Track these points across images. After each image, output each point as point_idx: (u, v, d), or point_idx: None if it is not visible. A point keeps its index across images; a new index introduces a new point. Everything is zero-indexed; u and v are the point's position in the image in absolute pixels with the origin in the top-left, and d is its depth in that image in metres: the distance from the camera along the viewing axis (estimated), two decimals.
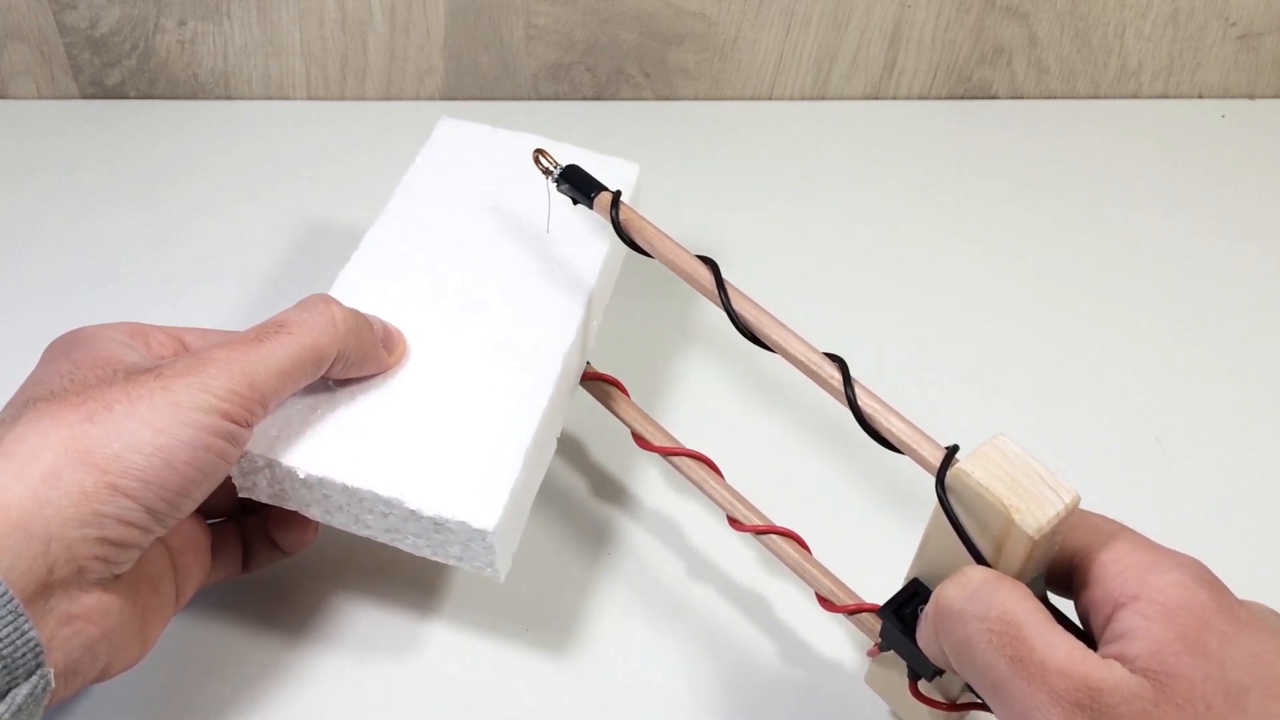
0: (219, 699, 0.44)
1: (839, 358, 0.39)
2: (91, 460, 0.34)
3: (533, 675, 0.45)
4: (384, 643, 0.46)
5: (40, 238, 0.61)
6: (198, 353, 0.38)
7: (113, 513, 0.35)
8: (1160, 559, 0.33)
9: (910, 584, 0.38)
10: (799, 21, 0.68)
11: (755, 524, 0.44)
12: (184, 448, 0.36)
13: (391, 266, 0.48)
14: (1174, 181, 0.69)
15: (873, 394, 0.38)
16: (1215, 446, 0.55)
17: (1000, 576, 0.34)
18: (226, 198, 0.64)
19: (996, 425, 0.55)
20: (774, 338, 0.40)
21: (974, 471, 0.33)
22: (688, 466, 0.46)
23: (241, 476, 0.42)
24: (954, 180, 0.68)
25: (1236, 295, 0.62)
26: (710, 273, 0.42)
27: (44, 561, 0.33)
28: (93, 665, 0.36)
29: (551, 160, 0.47)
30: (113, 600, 0.36)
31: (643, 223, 0.44)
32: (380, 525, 0.42)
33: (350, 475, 0.41)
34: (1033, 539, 0.33)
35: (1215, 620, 0.31)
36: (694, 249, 0.43)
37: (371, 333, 0.43)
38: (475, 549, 0.41)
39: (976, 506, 0.33)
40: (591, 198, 0.45)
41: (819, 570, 0.44)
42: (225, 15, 0.66)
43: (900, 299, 0.61)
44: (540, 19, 0.67)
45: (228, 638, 0.45)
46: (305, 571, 0.47)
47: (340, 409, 0.42)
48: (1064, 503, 0.33)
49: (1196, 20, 0.70)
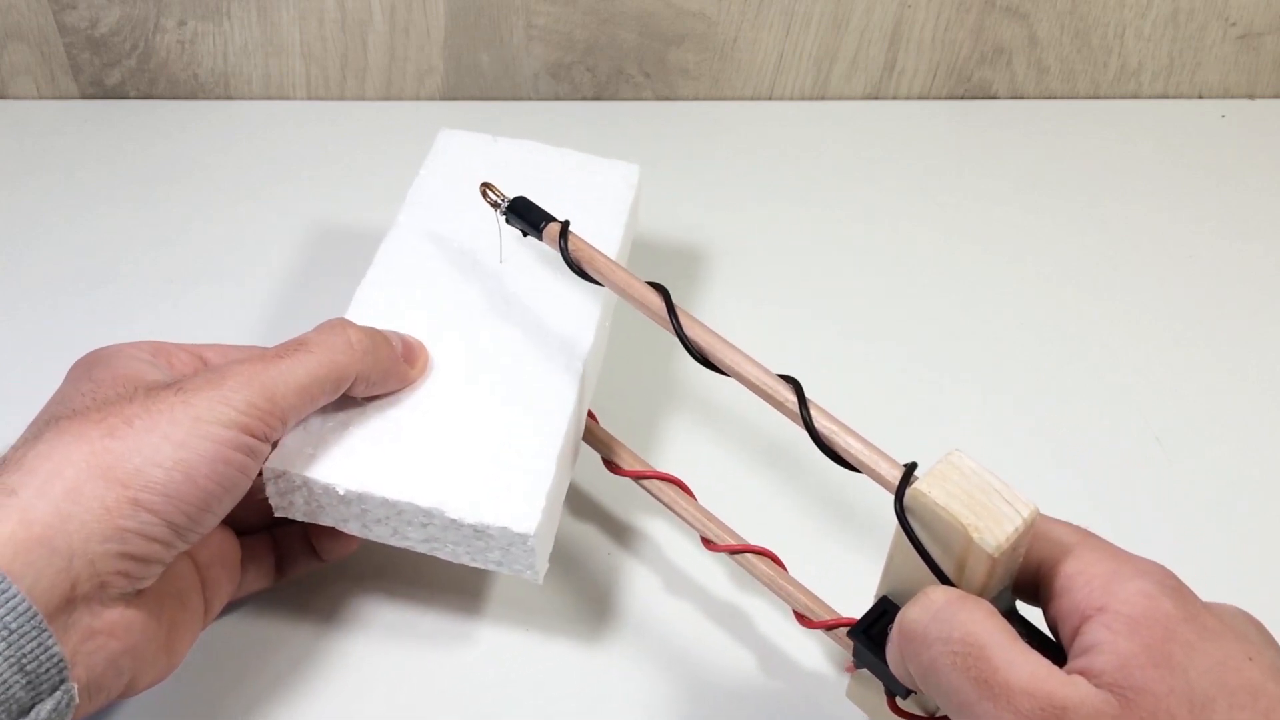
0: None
1: (793, 379, 0.39)
2: (113, 475, 0.35)
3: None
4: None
5: (40, 238, 0.61)
6: (217, 368, 0.39)
7: (134, 527, 0.35)
8: (1124, 567, 0.33)
9: (879, 602, 0.37)
10: (799, 21, 0.68)
11: (729, 543, 0.44)
12: (204, 462, 0.36)
13: (407, 281, 0.48)
14: (1174, 181, 0.69)
15: (829, 414, 0.38)
16: (1215, 446, 0.55)
17: (963, 596, 0.33)
18: (226, 198, 0.64)
19: (996, 425, 0.55)
20: (727, 362, 0.40)
21: (930, 491, 0.33)
22: (659, 489, 0.46)
23: (278, 496, 0.42)
24: (954, 180, 0.68)
25: (1236, 295, 0.62)
26: (661, 299, 0.41)
27: (67, 577, 0.33)
28: (117, 680, 0.36)
29: (498, 193, 0.46)
30: (136, 615, 0.36)
31: (592, 252, 0.44)
32: (419, 536, 0.42)
33: (389, 489, 0.41)
34: (993, 557, 0.32)
35: (1180, 629, 0.31)
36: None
37: (390, 349, 0.43)
38: (516, 553, 0.41)
39: (935, 526, 0.33)
40: (540, 229, 0.45)
41: (795, 587, 0.43)
42: (225, 15, 0.66)
43: (900, 299, 0.61)
44: (540, 19, 0.67)
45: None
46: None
47: (372, 423, 0.43)
48: (1022, 518, 0.33)
49: (1196, 20, 0.70)
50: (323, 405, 0.41)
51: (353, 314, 0.46)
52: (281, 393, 0.38)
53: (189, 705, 0.43)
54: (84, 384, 0.39)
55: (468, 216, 0.50)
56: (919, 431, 0.54)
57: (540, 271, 0.49)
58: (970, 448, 0.53)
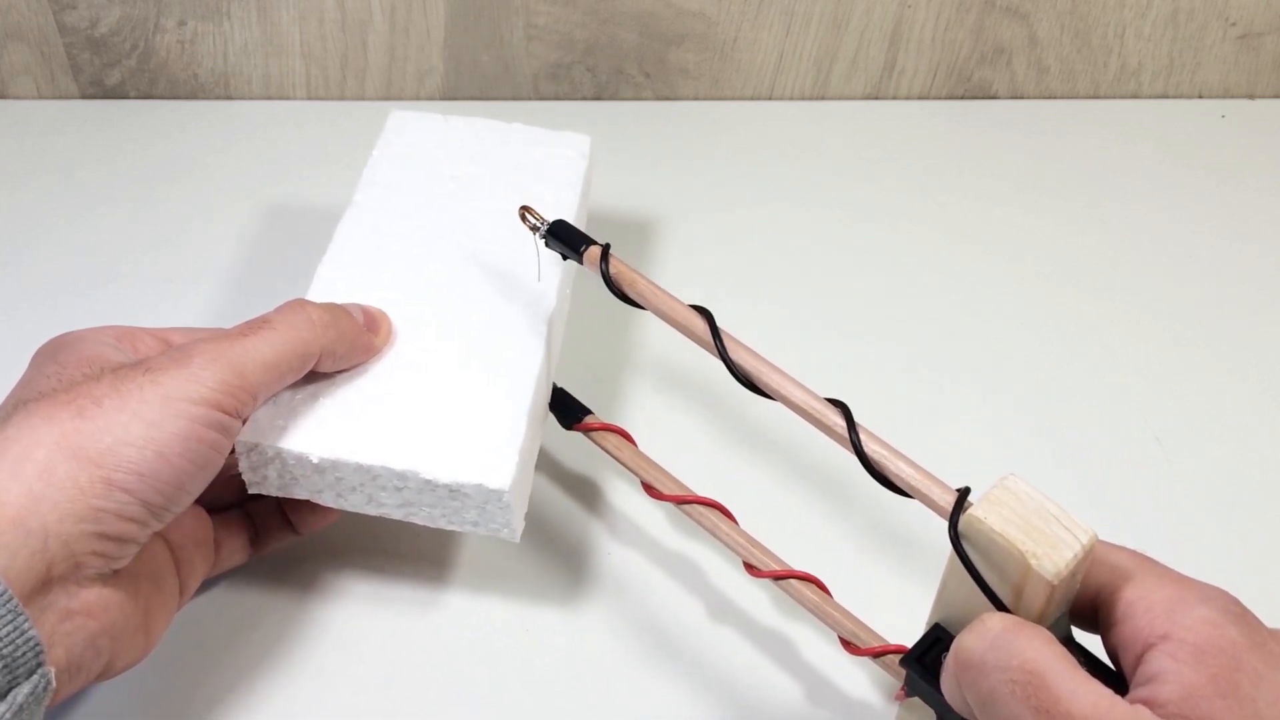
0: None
1: (842, 403, 0.38)
2: (85, 455, 0.35)
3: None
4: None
5: (40, 238, 0.61)
6: (183, 346, 0.39)
7: (109, 507, 0.35)
8: (1187, 593, 0.32)
9: (932, 630, 0.37)
10: (799, 21, 0.68)
11: (773, 569, 0.43)
12: (176, 440, 0.36)
13: (367, 256, 0.49)
14: (1174, 181, 0.69)
15: (878, 438, 0.37)
16: (1215, 446, 0.55)
17: (1020, 623, 0.33)
18: (226, 198, 0.64)
19: (996, 425, 0.55)
20: (774, 386, 0.39)
21: (987, 517, 0.33)
22: (701, 514, 0.45)
23: (251, 471, 0.42)
24: (954, 180, 0.68)
25: (1236, 295, 0.62)
26: (705, 323, 0.41)
27: (42, 558, 0.33)
28: (96, 660, 0.36)
29: (538, 216, 0.46)
30: (113, 595, 0.36)
31: (634, 275, 0.43)
32: (394, 501, 0.43)
33: (363, 454, 0.41)
34: (1052, 584, 0.32)
35: (1247, 658, 0.30)
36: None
37: (352, 320, 0.43)
38: (491, 511, 0.42)
39: (992, 552, 0.33)
40: (581, 252, 0.44)
41: (840, 613, 0.43)
42: (225, 15, 0.66)
43: (900, 299, 0.61)
44: (540, 19, 0.67)
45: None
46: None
47: (342, 393, 0.43)
48: (1081, 544, 0.32)
49: (1196, 20, 0.70)
50: (289, 382, 0.41)
51: (314, 293, 0.47)
52: (250, 369, 0.38)
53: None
54: (49, 367, 0.39)
55: (424, 193, 0.52)
56: (919, 432, 0.54)
57: (500, 240, 0.50)
58: (969, 448, 0.54)
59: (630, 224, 0.64)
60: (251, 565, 0.47)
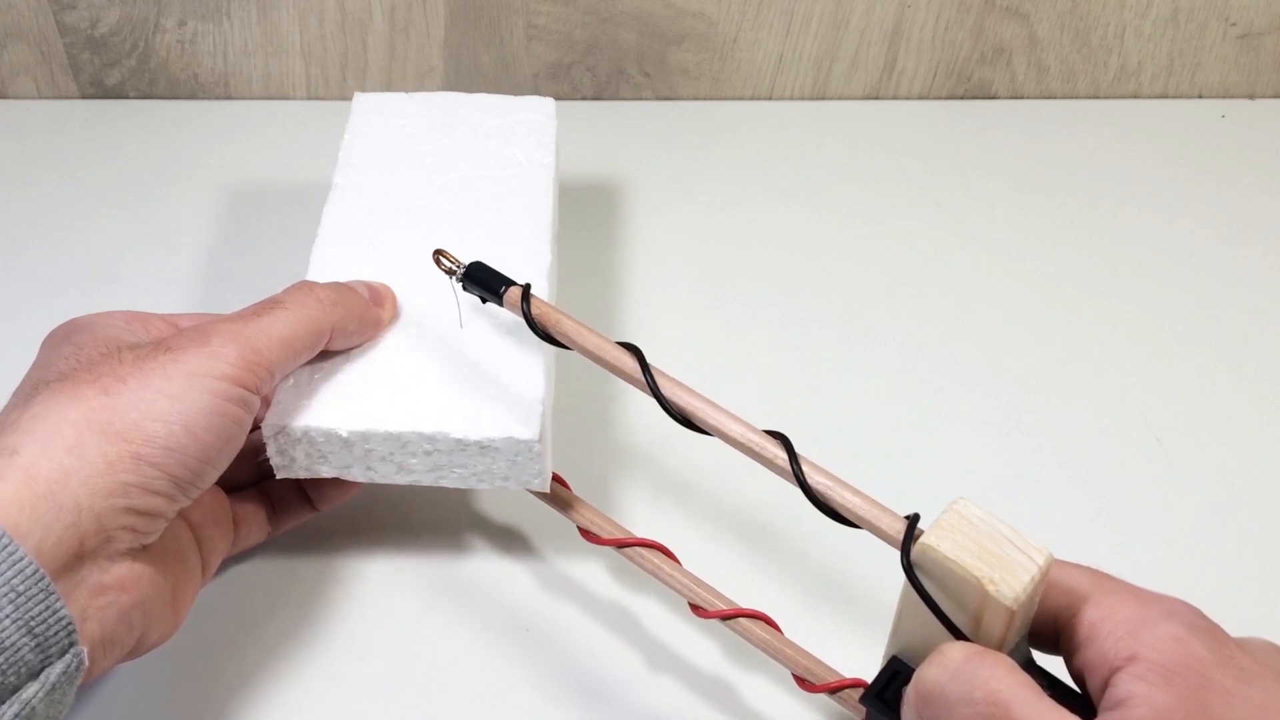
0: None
1: (781, 435, 0.37)
2: (113, 430, 0.35)
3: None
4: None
5: (40, 238, 0.61)
6: (199, 327, 0.40)
7: (138, 482, 0.35)
8: (1149, 610, 0.32)
9: (890, 663, 0.36)
10: (799, 21, 0.68)
11: (720, 609, 0.42)
12: (202, 414, 0.37)
13: (359, 234, 0.50)
14: (1174, 181, 0.69)
15: (823, 469, 0.36)
16: (1215, 446, 0.55)
17: (981, 652, 0.32)
18: (226, 198, 0.64)
19: (996, 425, 0.55)
20: (711, 422, 0.38)
21: (940, 544, 0.32)
22: (642, 556, 0.43)
23: (279, 455, 0.43)
24: (954, 180, 0.68)
25: (1236, 295, 0.62)
26: (635, 360, 0.39)
27: (74, 532, 0.34)
28: (129, 634, 0.36)
29: (453, 259, 0.44)
30: (144, 569, 0.36)
31: (558, 315, 0.42)
32: (424, 466, 0.43)
33: (391, 422, 0.42)
34: (1011, 609, 0.31)
35: (1217, 676, 0.30)
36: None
37: (358, 296, 0.44)
38: (522, 463, 0.43)
39: (947, 580, 0.32)
40: (500, 294, 0.43)
41: (793, 649, 0.41)
42: (225, 15, 0.66)
43: (900, 299, 0.61)
44: (540, 19, 0.67)
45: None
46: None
47: (359, 368, 0.44)
48: (1038, 565, 0.32)
49: (1196, 20, 0.70)
50: (304, 361, 0.42)
51: (312, 275, 0.47)
52: (266, 345, 0.39)
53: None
54: (64, 348, 0.39)
55: (402, 168, 0.53)
56: (920, 432, 0.55)
57: (484, 205, 0.51)
58: (969, 448, 0.54)
59: (630, 224, 0.64)
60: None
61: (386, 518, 0.49)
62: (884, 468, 0.52)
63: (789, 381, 0.56)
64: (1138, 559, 0.50)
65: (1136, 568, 0.48)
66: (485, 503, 0.50)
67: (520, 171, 0.52)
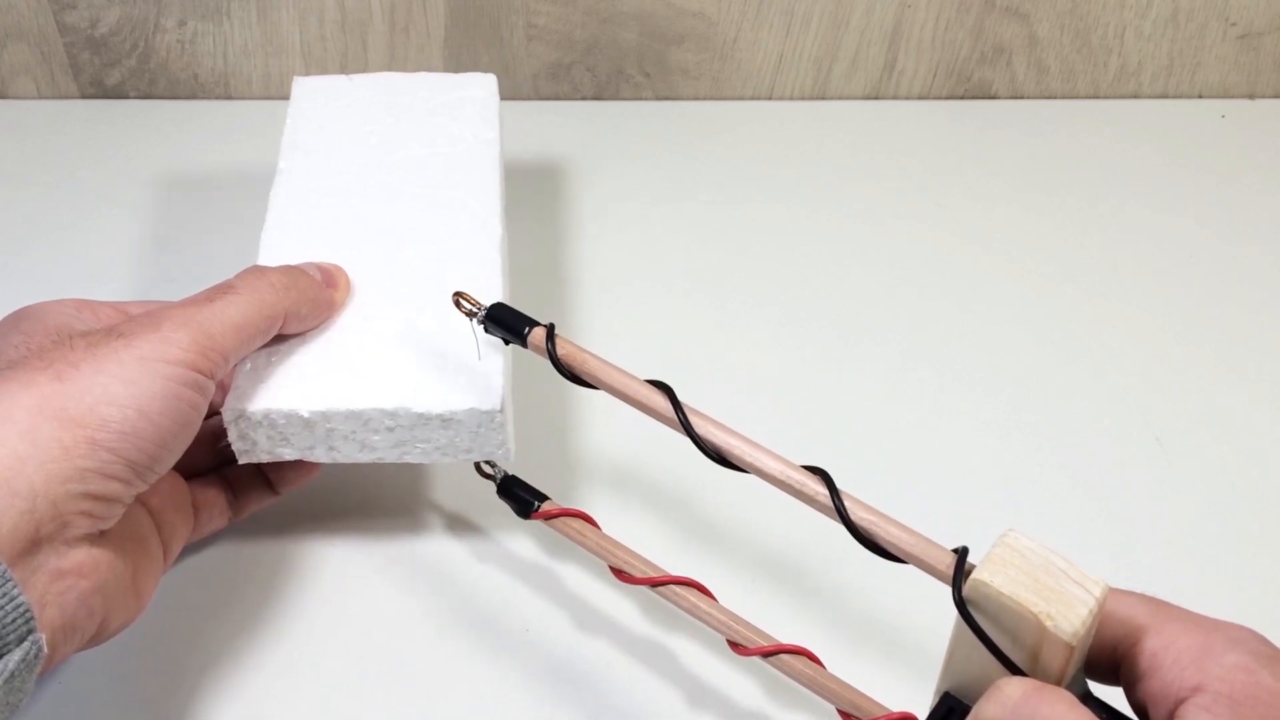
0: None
1: (822, 470, 0.36)
2: (67, 416, 0.35)
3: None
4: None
5: (40, 238, 0.61)
6: (151, 313, 0.39)
7: (94, 467, 0.35)
8: (1213, 639, 0.31)
9: (943, 699, 0.34)
10: (799, 21, 0.68)
11: (761, 645, 0.40)
12: (156, 399, 0.36)
13: (307, 217, 0.50)
14: (1174, 181, 0.69)
15: (865, 504, 0.35)
16: (1215, 446, 0.55)
17: (1040, 687, 0.31)
18: (227, 198, 0.64)
19: (996, 425, 0.55)
20: (747, 460, 0.37)
21: (993, 580, 0.31)
22: (677, 594, 0.42)
23: (240, 439, 0.43)
24: (954, 180, 0.68)
25: (1236, 295, 0.62)
26: (666, 399, 0.38)
27: (30, 519, 0.33)
28: (90, 620, 0.36)
29: (473, 301, 0.43)
30: (102, 554, 0.36)
31: (584, 355, 0.40)
32: (387, 443, 0.43)
33: (352, 400, 0.42)
34: (1070, 645, 0.30)
35: None
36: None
37: (310, 279, 0.44)
38: (486, 434, 0.43)
39: (1002, 617, 0.31)
40: (524, 335, 0.41)
41: (838, 684, 0.40)
42: (225, 15, 0.66)
43: (900, 299, 0.61)
44: (540, 19, 0.67)
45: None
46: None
47: (317, 349, 0.44)
48: (1095, 598, 0.31)
49: (1196, 20, 0.70)
50: (258, 346, 0.42)
51: (263, 261, 0.47)
52: (219, 330, 0.39)
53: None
54: (14, 337, 0.39)
55: (348, 149, 0.53)
56: (920, 432, 0.55)
57: (432, 182, 0.51)
58: (969, 448, 0.54)
59: (630, 224, 0.64)
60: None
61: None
62: (884, 468, 0.52)
63: (789, 382, 0.56)
64: (1138, 559, 0.50)
65: (1136, 568, 0.49)
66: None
67: (466, 148, 0.53)
